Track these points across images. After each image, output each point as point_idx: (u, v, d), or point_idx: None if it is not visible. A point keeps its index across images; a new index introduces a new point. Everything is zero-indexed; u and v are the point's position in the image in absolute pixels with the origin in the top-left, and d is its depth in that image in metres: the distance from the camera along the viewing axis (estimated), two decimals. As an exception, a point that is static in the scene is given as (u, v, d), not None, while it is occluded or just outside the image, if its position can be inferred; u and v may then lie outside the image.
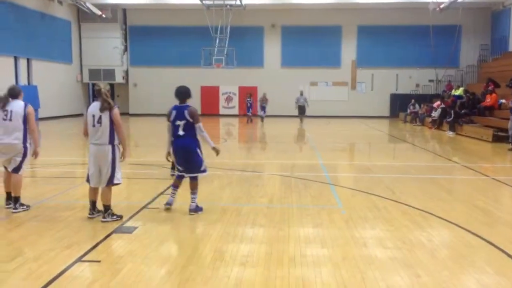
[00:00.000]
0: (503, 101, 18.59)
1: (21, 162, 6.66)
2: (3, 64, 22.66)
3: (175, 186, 6.79)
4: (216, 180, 9.14)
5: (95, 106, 6.04)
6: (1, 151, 6.65)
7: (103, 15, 28.85)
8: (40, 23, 25.63)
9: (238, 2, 27.05)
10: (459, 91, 24.34)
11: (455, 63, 29.43)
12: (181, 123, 6.46)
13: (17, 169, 6.65)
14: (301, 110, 25.73)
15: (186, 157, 6.58)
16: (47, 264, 4.66)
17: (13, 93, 6.69)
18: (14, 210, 6.57)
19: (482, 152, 14.39)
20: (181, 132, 6.48)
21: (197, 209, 6.66)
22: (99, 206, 6.34)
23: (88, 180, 6.25)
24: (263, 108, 25.91)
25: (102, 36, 30.64)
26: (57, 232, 5.69)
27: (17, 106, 6.59)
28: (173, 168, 9.60)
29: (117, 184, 6.19)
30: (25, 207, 6.68)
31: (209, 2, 27.33)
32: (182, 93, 6.60)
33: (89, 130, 6.09)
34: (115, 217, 6.18)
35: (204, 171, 6.71)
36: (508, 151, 14.07)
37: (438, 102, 23.04)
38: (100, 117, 5.98)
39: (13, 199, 6.64)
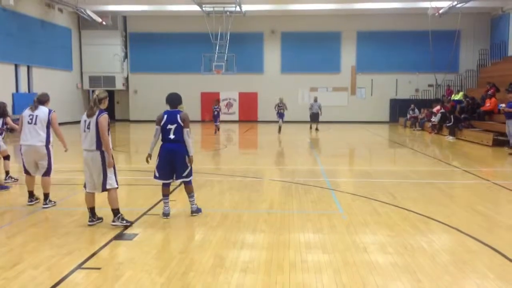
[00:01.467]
0: (503, 105, 18.60)
1: (49, 165, 7.25)
2: (3, 71, 22.71)
3: (165, 195, 6.77)
4: (216, 186, 9.14)
5: (86, 112, 6.19)
6: (26, 153, 7.17)
7: (104, 22, 28.95)
8: (40, 30, 25.71)
9: (238, 9, 27.16)
10: (458, 96, 24.36)
11: (455, 68, 29.47)
12: (172, 127, 6.52)
13: (47, 173, 7.27)
14: (315, 117, 24.36)
15: (174, 161, 6.57)
16: (48, 271, 4.65)
17: (41, 100, 7.34)
18: (44, 206, 7.22)
19: (482, 157, 14.38)
20: (172, 136, 6.53)
21: (198, 211, 6.88)
22: (99, 213, 6.35)
23: (85, 186, 6.31)
24: (280, 115, 22.14)
25: (102, 43, 30.71)
26: (58, 239, 5.69)
27: (42, 111, 7.21)
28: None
29: (110, 189, 6.17)
30: (53, 203, 7.35)
31: (209, 9, 27.44)
32: (174, 99, 6.69)
33: (81, 136, 6.18)
34: (125, 221, 6.19)
35: (187, 176, 6.67)
36: (509, 155, 14.07)
37: (438, 107, 23.05)
38: (89, 123, 6.06)
39: (43, 196, 7.29)
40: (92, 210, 6.33)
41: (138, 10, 29.33)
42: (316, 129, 24.25)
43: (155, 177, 6.71)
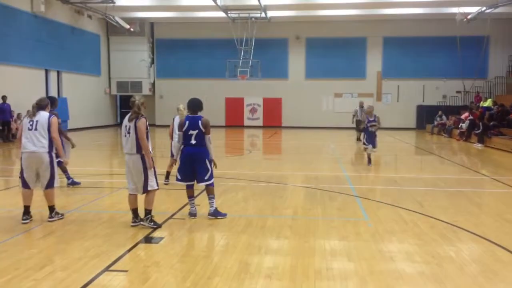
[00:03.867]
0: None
1: (52, 175, 6.75)
2: (34, 76, 23.28)
3: (190, 196, 7.02)
4: (240, 191, 9.15)
5: (127, 117, 6.30)
6: (26, 161, 6.68)
7: (131, 29, 29.42)
8: (70, 36, 26.29)
9: (263, 15, 27.25)
10: (487, 103, 23.88)
11: (483, 74, 28.89)
12: (194, 132, 6.72)
13: (50, 185, 6.77)
14: (361, 125, 19.45)
15: (195, 165, 6.78)
16: (76, 273, 4.74)
17: (41, 105, 6.89)
18: (49, 219, 6.75)
19: (511, 165, 14.05)
20: (193, 141, 6.74)
21: (215, 213, 6.90)
22: (123, 216, 6.45)
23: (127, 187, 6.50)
24: (370, 138, 13.15)
25: (130, 49, 31.20)
26: (85, 242, 5.78)
27: (42, 116, 6.78)
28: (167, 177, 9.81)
29: (151, 190, 6.31)
30: (60, 215, 6.88)
31: (234, 15, 27.62)
32: (195, 105, 6.90)
33: (123, 141, 6.33)
34: (152, 223, 6.30)
35: (208, 179, 6.83)
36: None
37: (467, 114, 22.63)
38: (129, 128, 6.20)
39: (48, 209, 6.82)
40: (135, 211, 6.46)
41: (165, 16, 29.72)
42: (358, 138, 20.34)
43: (177, 179, 6.95)
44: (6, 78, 20.63)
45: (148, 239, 5.91)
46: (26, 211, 6.74)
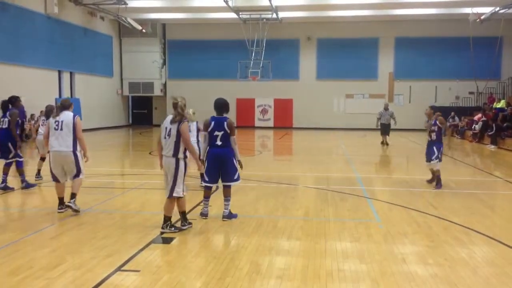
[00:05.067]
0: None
1: (77, 168, 7.20)
2: (47, 77, 23.51)
3: (206, 197, 7.04)
4: (251, 192, 9.16)
5: (169, 119, 6.22)
6: (53, 159, 7.15)
7: (143, 30, 29.60)
8: (83, 38, 26.52)
9: (274, 16, 27.26)
10: (500, 104, 23.62)
11: (497, 75, 28.57)
12: (219, 133, 6.74)
13: (77, 175, 7.24)
14: (386, 129, 19.57)
15: (222, 166, 6.81)
16: (89, 272, 4.78)
17: (64, 105, 7.31)
18: (68, 203, 7.13)
19: (526, 167, 13.88)
20: (219, 142, 6.76)
21: (230, 216, 6.91)
22: (140, 217, 6.50)
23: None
24: (428, 147, 10.09)
25: (142, 50, 31.38)
26: (98, 241, 5.83)
27: (67, 116, 7.18)
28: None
29: (176, 197, 6.22)
30: (77, 207, 7.21)
31: (246, 16, 27.67)
32: (222, 106, 6.90)
33: (162, 142, 6.24)
34: (173, 229, 6.26)
35: (237, 179, 6.93)
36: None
37: (479, 115, 22.42)
38: (170, 130, 6.12)
39: (70, 195, 7.18)
40: (183, 215, 6.42)
41: (176, 18, 29.86)
42: (386, 143, 19.52)
43: (204, 181, 6.99)
44: (19, 79, 20.84)
45: (159, 239, 5.94)
46: (61, 202, 7.29)
